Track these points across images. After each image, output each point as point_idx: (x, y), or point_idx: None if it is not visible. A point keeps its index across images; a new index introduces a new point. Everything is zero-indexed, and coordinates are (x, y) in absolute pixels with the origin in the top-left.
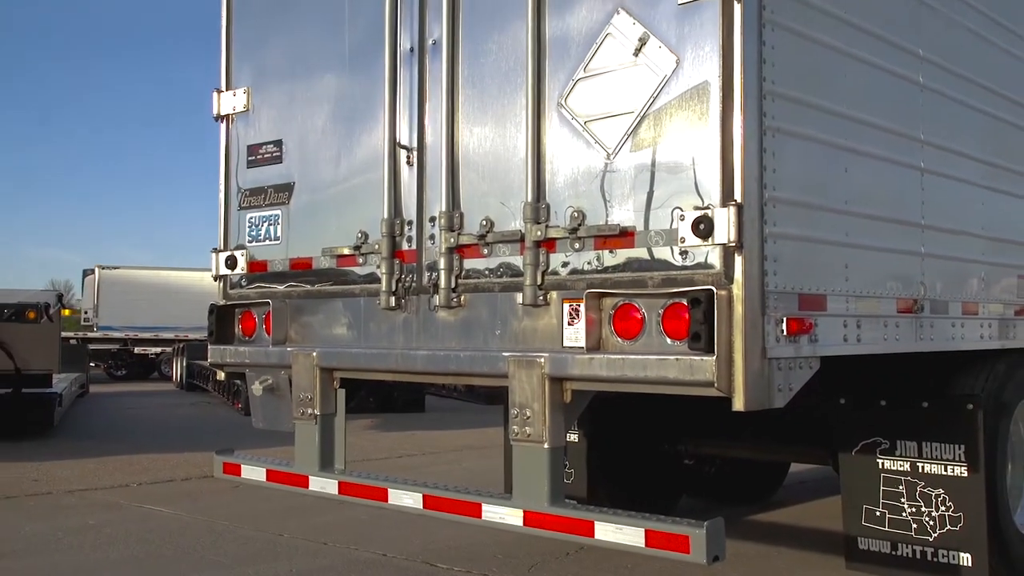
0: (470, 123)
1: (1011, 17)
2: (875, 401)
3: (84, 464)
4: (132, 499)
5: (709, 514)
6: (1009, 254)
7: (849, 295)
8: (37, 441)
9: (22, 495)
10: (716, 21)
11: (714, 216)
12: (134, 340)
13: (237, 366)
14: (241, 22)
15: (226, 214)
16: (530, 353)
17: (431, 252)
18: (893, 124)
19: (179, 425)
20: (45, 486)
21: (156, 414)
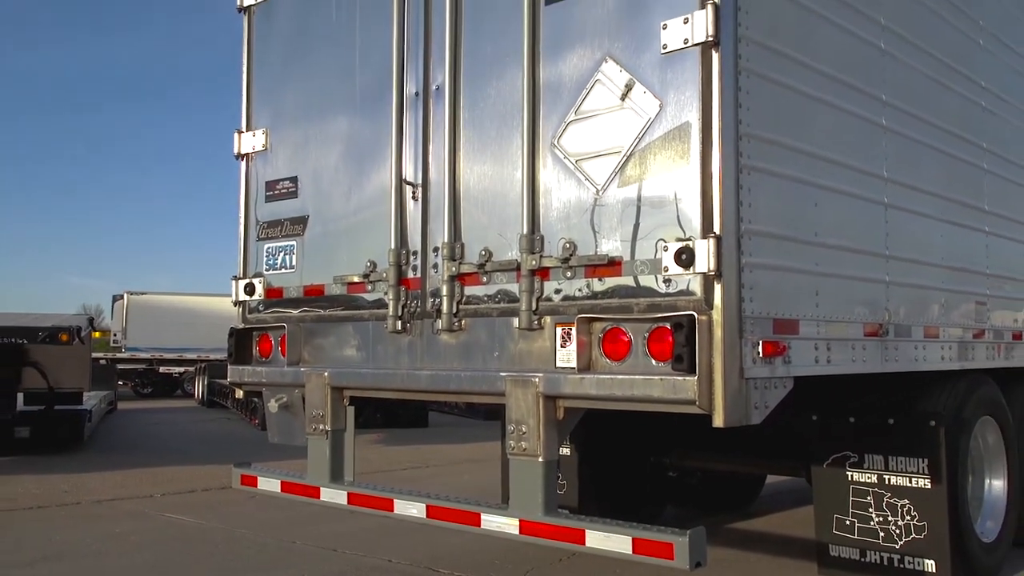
0: (470, 161)
1: (967, 64)
2: (844, 418)
3: (112, 476)
4: (156, 508)
5: (692, 523)
6: (966, 282)
7: (820, 320)
8: (68, 454)
9: (53, 505)
10: (696, 69)
11: (695, 247)
12: (159, 360)
13: (255, 385)
14: (260, 69)
15: (245, 244)
16: (526, 373)
17: (434, 280)
18: (859, 163)
19: (200, 439)
20: (75, 496)
21: (179, 429)
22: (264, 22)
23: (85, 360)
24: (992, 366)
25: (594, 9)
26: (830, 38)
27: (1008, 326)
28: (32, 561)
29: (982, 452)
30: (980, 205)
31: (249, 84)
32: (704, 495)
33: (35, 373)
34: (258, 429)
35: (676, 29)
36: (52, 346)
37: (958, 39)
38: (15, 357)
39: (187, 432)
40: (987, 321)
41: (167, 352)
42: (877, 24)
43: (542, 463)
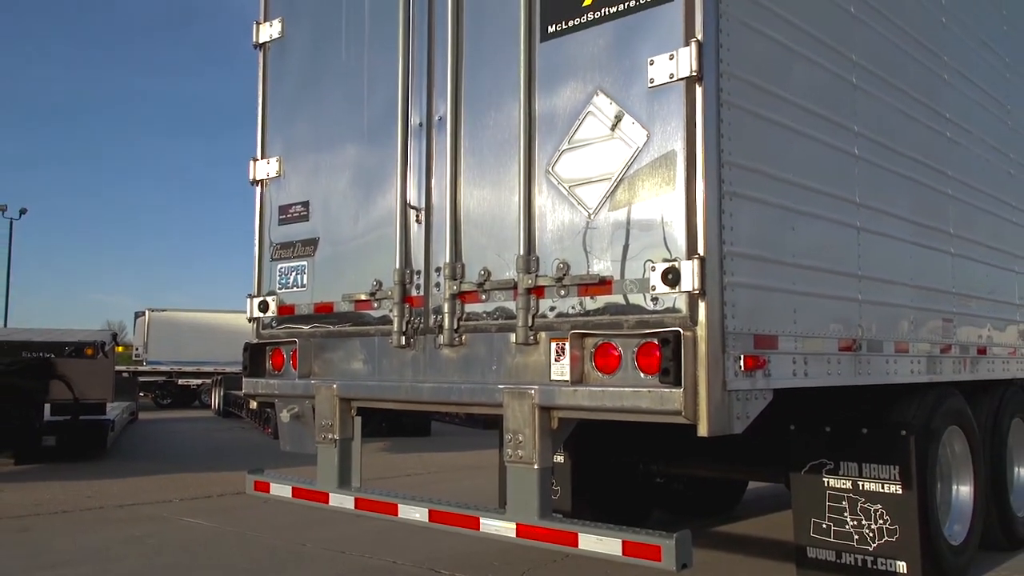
0: (470, 187)
1: (932, 97)
2: (821, 427)
3: (132, 482)
4: (174, 513)
5: (678, 526)
6: (934, 300)
7: (797, 335)
8: (92, 462)
9: (77, 510)
10: (681, 102)
11: (680, 267)
12: (178, 373)
13: (267, 396)
14: (275, 101)
15: (260, 265)
16: (522, 386)
17: (436, 298)
18: (833, 189)
19: (216, 448)
20: (98, 501)
21: (196, 438)
22: (278, 58)
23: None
24: (958, 379)
25: (586, 46)
26: (805, 73)
27: (973, 341)
28: (57, 563)
29: (950, 460)
30: (946, 228)
31: (264, 115)
32: (689, 500)
33: (62, 385)
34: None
35: (662, 65)
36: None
37: (924, 74)
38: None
39: (204, 441)
40: (953, 337)
41: (185, 365)
42: (849, 60)
43: (537, 470)
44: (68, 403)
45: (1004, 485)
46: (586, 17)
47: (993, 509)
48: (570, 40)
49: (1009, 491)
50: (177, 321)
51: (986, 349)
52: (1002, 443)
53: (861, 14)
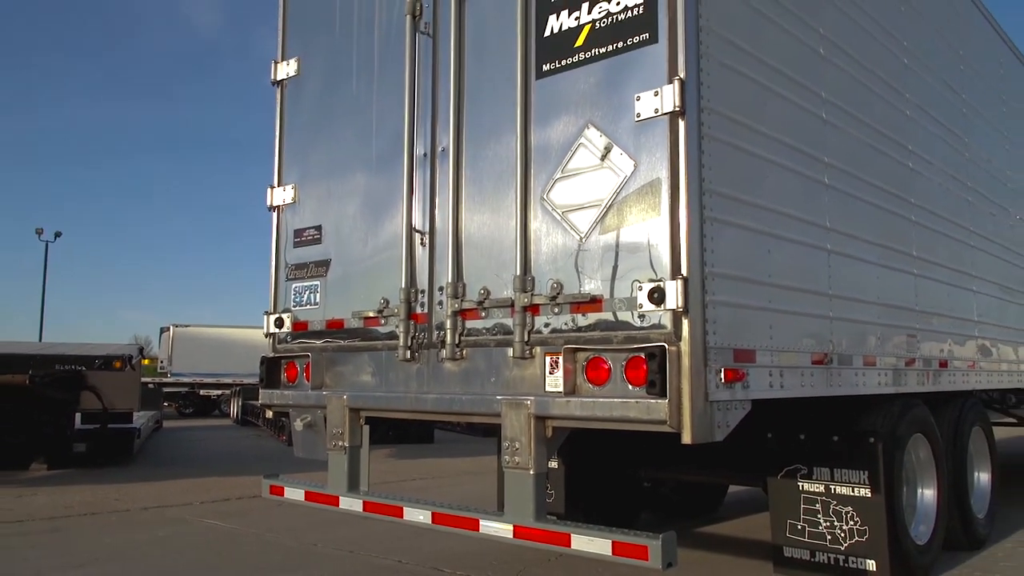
0: (471, 212)
1: (896, 131)
2: (796, 435)
3: (157, 486)
4: (195, 515)
5: (664, 527)
6: (899, 318)
7: (773, 350)
8: (119, 467)
9: (105, 512)
10: (665, 134)
11: (665, 287)
12: (200, 384)
13: (282, 406)
14: (290, 133)
15: (276, 284)
16: (519, 397)
17: (439, 315)
18: (805, 215)
19: (234, 454)
20: (124, 504)
21: (216, 445)
22: (294, 93)
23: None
24: (922, 390)
25: (578, 84)
26: (779, 109)
27: (935, 355)
28: (85, 562)
29: (915, 465)
30: (909, 251)
31: (281, 146)
32: (675, 503)
33: (92, 396)
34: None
35: (648, 101)
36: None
37: (888, 110)
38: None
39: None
40: (917, 351)
41: (207, 377)
42: (819, 97)
43: (533, 475)
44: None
45: (965, 489)
46: (578, 57)
47: (955, 511)
48: (563, 78)
49: (970, 494)
50: (199, 336)
51: (947, 363)
52: (963, 450)
53: (830, 55)
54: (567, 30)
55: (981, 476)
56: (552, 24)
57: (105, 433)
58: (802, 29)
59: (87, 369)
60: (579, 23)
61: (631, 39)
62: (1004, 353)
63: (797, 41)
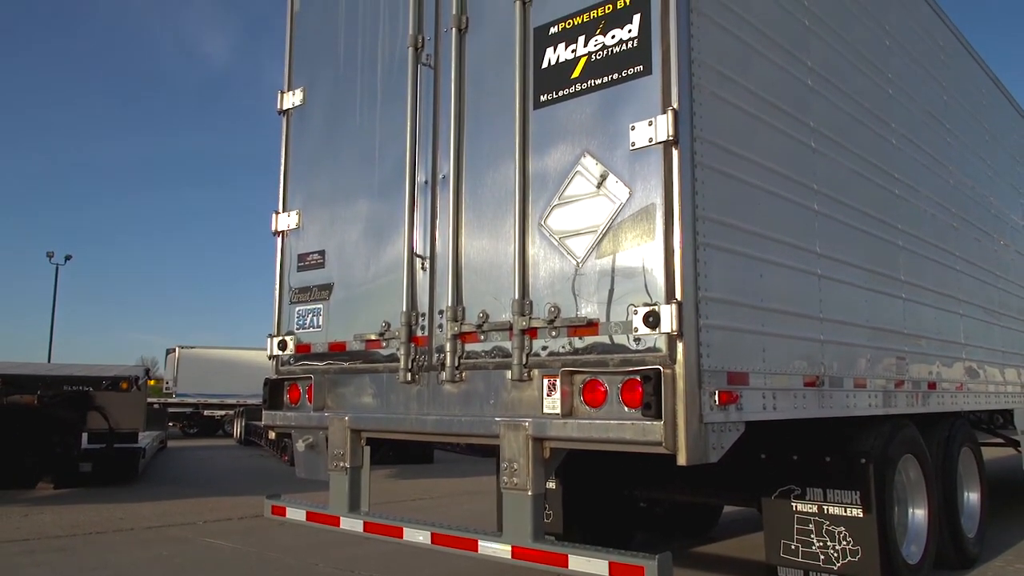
0: (471, 238)
1: (882, 159)
2: (789, 456)
3: (161, 505)
4: (199, 534)
5: (660, 548)
6: (888, 340)
7: (766, 372)
8: (124, 486)
9: (110, 531)
10: (660, 162)
11: (660, 311)
12: (204, 404)
13: (285, 427)
14: (295, 160)
15: (279, 307)
16: (517, 418)
17: (439, 338)
18: (795, 240)
19: (237, 474)
20: (129, 523)
21: (219, 465)
22: (299, 122)
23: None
24: (912, 411)
25: (574, 113)
26: (770, 138)
27: (924, 377)
28: None
29: (906, 485)
30: (897, 276)
31: (286, 173)
32: (670, 523)
33: (98, 416)
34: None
35: (642, 130)
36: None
37: (874, 139)
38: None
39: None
40: (906, 373)
41: (211, 397)
42: (807, 127)
43: (531, 496)
44: (104, 432)
45: (955, 508)
46: (574, 88)
47: (946, 530)
48: (560, 108)
49: (960, 514)
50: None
51: (936, 384)
52: (953, 470)
53: (817, 87)
54: (564, 62)
55: (971, 496)
56: (549, 56)
57: (111, 453)
58: (791, 62)
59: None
60: (575, 55)
61: (626, 71)
62: (991, 375)
63: (786, 73)
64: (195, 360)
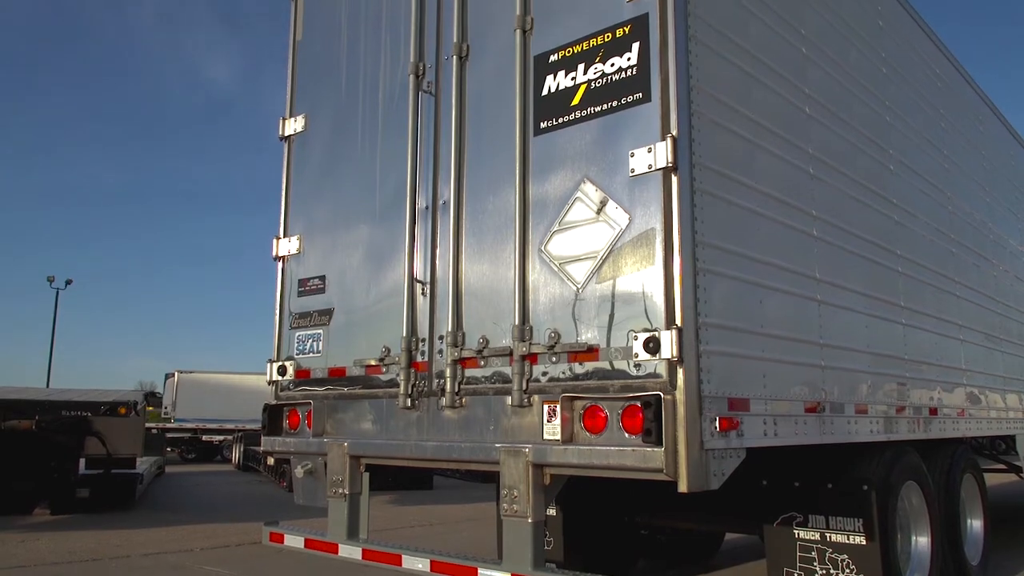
0: (471, 263)
1: (880, 185)
2: (790, 483)
3: (157, 532)
4: (195, 561)
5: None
6: (888, 366)
7: (767, 398)
8: (121, 512)
9: (106, 557)
10: (659, 188)
11: (660, 337)
12: (202, 430)
13: (284, 453)
14: (297, 186)
15: (279, 332)
16: (517, 445)
17: (439, 363)
18: (795, 266)
19: (235, 500)
20: (125, 550)
21: (217, 491)
22: (301, 149)
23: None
24: (913, 438)
25: (574, 140)
26: (768, 164)
27: (925, 403)
28: None
29: (908, 512)
30: (897, 301)
31: (287, 198)
32: (671, 550)
33: (96, 441)
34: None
35: (642, 157)
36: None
37: (873, 166)
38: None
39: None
40: (907, 399)
41: (210, 423)
42: (806, 153)
43: (531, 523)
44: (102, 457)
45: (958, 535)
46: (574, 115)
47: (949, 558)
48: (560, 135)
49: (963, 541)
50: (203, 382)
51: (937, 410)
52: (955, 496)
53: (815, 113)
54: (564, 89)
55: (974, 523)
56: (549, 84)
57: (108, 478)
58: (789, 89)
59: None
60: (575, 83)
61: (625, 98)
62: (992, 400)
63: (784, 100)
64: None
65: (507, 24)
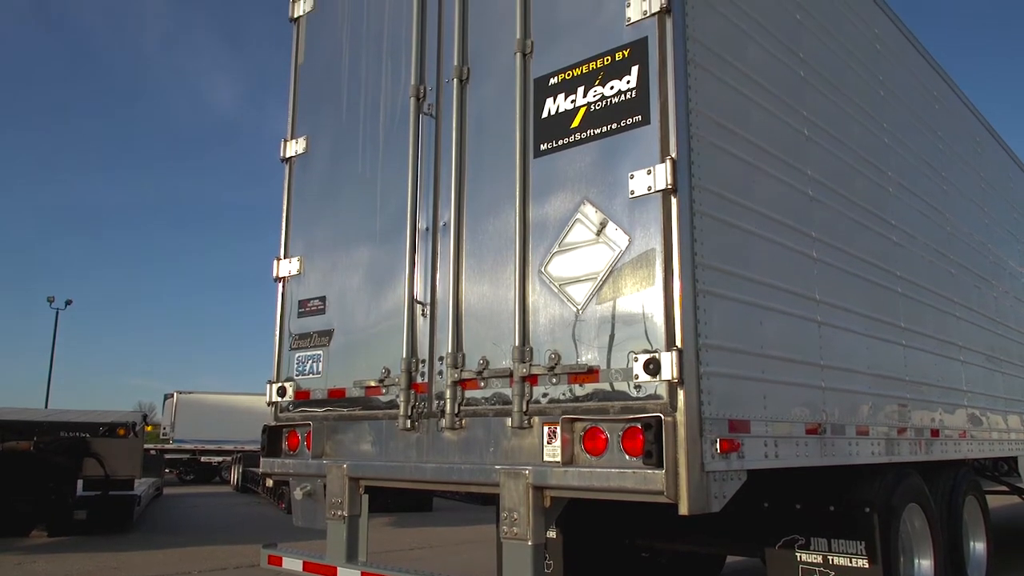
0: (471, 284)
1: (879, 207)
2: (792, 505)
3: (156, 554)
4: None
5: None
6: (889, 387)
7: (768, 420)
8: (119, 535)
9: None
10: (658, 210)
11: (660, 358)
12: (201, 451)
13: (283, 475)
14: (298, 207)
15: (279, 353)
16: (517, 467)
17: (439, 384)
18: (795, 287)
19: (234, 522)
20: (123, 572)
21: (216, 512)
22: (302, 170)
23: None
24: (915, 460)
25: (574, 162)
26: (768, 186)
27: (927, 425)
28: None
29: (911, 535)
30: (897, 322)
31: (288, 219)
32: (672, 573)
33: (94, 463)
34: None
35: (641, 179)
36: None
37: (871, 187)
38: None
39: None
40: (909, 421)
41: (208, 444)
42: (805, 175)
43: (531, 546)
44: (99, 479)
45: (961, 558)
46: (574, 137)
47: None
48: (560, 157)
49: (966, 564)
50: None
51: (939, 432)
52: (958, 519)
53: (814, 136)
54: (564, 112)
55: (977, 545)
56: (549, 107)
57: (106, 500)
58: (787, 112)
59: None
60: (575, 106)
61: (625, 121)
62: (994, 422)
63: (783, 123)
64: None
65: (507, 47)
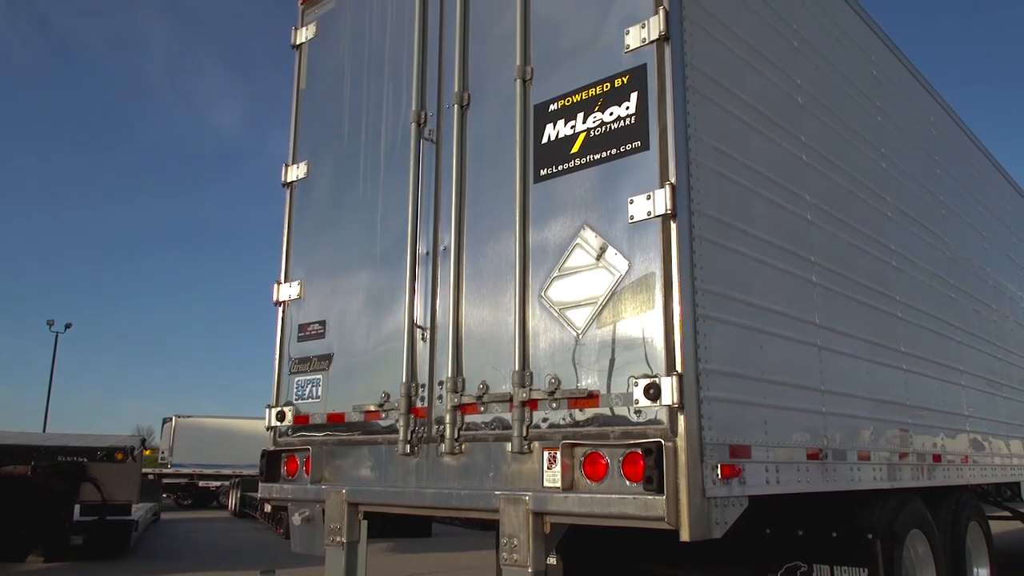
0: (471, 309)
1: (878, 231)
2: (794, 531)
3: None
4: None
5: None
6: (890, 412)
7: (769, 445)
8: (115, 560)
9: None
10: (658, 235)
11: (661, 383)
12: (199, 475)
13: (281, 500)
14: (298, 232)
15: (279, 377)
16: (517, 492)
17: (439, 409)
18: (795, 312)
19: (231, 547)
20: None
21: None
22: (303, 195)
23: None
24: (917, 485)
25: (574, 187)
26: (766, 211)
27: (928, 450)
28: None
29: (914, 561)
30: (897, 347)
31: (288, 244)
32: None
33: (92, 487)
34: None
35: (641, 204)
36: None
37: (870, 212)
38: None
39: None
40: (910, 446)
41: (207, 468)
42: (804, 200)
43: (531, 572)
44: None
45: None
46: (574, 163)
47: None
48: (560, 182)
49: None
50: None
51: (941, 457)
52: (961, 545)
53: (812, 161)
54: (563, 138)
55: (980, 572)
56: (549, 132)
57: (103, 525)
58: (786, 138)
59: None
60: (575, 131)
61: (624, 146)
62: (996, 447)
63: (781, 148)
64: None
65: (507, 74)
